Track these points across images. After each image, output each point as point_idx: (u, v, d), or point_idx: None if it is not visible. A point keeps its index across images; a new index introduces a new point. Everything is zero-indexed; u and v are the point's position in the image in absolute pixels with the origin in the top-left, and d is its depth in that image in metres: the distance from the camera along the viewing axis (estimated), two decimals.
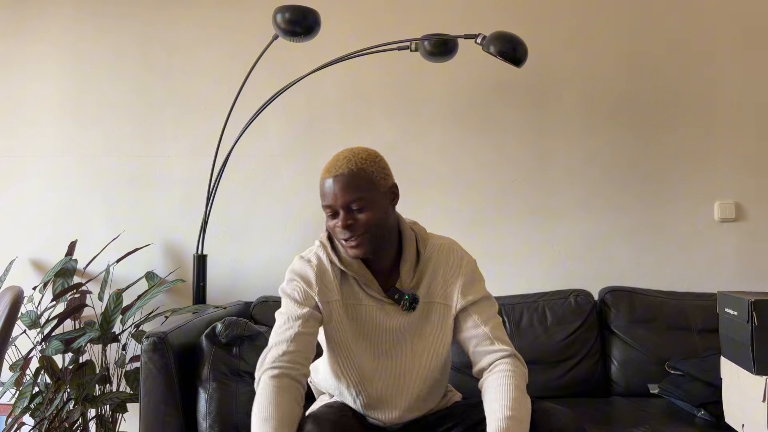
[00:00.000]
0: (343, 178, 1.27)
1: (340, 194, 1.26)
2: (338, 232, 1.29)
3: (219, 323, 1.76)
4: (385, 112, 2.52)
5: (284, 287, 1.36)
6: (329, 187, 1.28)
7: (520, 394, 1.22)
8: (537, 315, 2.22)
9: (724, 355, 1.76)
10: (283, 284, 1.37)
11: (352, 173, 1.28)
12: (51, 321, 2.16)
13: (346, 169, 1.28)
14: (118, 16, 2.58)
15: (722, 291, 1.76)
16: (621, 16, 2.52)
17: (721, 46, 2.50)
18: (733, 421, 1.71)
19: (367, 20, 2.53)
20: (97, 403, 2.11)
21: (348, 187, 1.27)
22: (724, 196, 2.46)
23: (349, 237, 1.28)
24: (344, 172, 1.27)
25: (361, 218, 1.27)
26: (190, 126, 2.55)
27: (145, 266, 2.44)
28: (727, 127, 2.48)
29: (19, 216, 2.53)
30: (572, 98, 2.51)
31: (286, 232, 2.49)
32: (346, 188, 1.27)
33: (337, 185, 1.27)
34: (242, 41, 2.52)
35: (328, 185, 1.28)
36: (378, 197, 1.30)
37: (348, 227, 1.27)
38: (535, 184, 2.49)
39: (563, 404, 1.99)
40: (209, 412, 1.68)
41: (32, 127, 2.56)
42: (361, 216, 1.27)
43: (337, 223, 1.28)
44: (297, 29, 2.06)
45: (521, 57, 2.06)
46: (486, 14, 2.51)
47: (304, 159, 2.52)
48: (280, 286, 1.38)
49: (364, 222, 1.27)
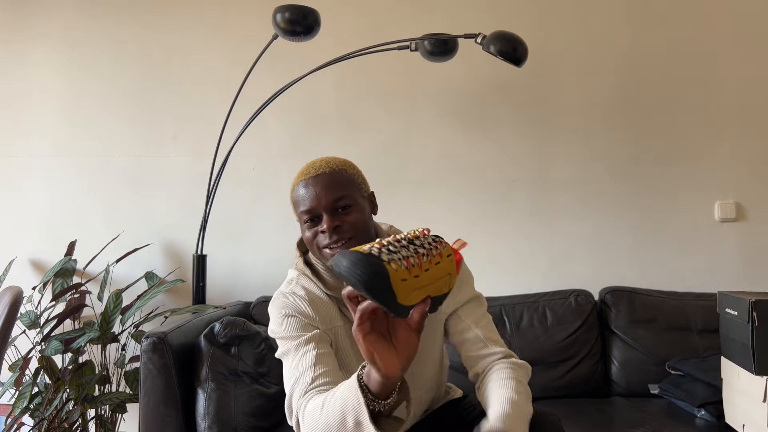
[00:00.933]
0: (325, 177, 1.18)
1: (323, 194, 1.17)
2: (321, 238, 1.18)
3: (217, 323, 1.76)
4: (385, 112, 2.52)
5: (276, 328, 1.20)
6: (308, 189, 1.18)
7: (521, 386, 1.17)
8: (537, 315, 2.22)
9: (724, 355, 1.76)
10: (273, 326, 1.21)
11: (334, 172, 1.20)
12: (50, 321, 2.16)
13: (327, 168, 1.20)
14: (118, 16, 2.58)
15: (722, 291, 1.76)
16: (621, 16, 2.52)
17: (721, 46, 2.50)
18: (733, 421, 1.71)
19: (367, 20, 2.53)
20: (97, 403, 2.11)
21: (331, 185, 1.18)
22: (724, 196, 2.46)
23: (335, 241, 1.16)
24: (326, 171, 1.19)
25: (348, 219, 1.17)
26: (190, 126, 2.54)
27: (145, 266, 2.44)
28: (727, 127, 2.48)
29: (18, 216, 2.53)
30: (572, 98, 2.51)
31: (286, 232, 2.49)
32: (329, 186, 1.17)
33: (319, 185, 1.17)
34: (242, 41, 2.52)
35: (307, 187, 1.18)
36: (361, 200, 1.22)
37: (335, 230, 1.16)
38: (535, 184, 2.49)
39: (563, 404, 2.01)
40: (207, 413, 1.68)
41: (32, 127, 2.56)
42: (347, 217, 1.17)
43: (321, 227, 1.17)
44: (297, 29, 2.05)
45: (521, 57, 2.05)
46: (486, 14, 2.51)
47: (304, 159, 2.45)
48: (269, 329, 1.22)
49: (352, 223, 1.17)
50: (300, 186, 1.20)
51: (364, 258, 0.80)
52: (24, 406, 2.06)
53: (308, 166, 1.22)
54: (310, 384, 1.08)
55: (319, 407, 1.01)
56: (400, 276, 0.81)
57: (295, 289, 1.23)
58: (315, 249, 1.21)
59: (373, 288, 0.80)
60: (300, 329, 1.17)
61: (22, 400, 2.07)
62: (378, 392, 0.91)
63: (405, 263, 0.83)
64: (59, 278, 2.29)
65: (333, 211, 1.17)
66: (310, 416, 1.02)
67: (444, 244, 0.91)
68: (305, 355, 1.13)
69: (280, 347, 1.19)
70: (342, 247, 1.16)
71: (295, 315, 1.19)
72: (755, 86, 2.48)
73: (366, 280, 0.79)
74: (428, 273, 0.86)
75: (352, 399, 0.92)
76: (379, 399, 0.92)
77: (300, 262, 1.28)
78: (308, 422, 1.03)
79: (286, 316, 1.19)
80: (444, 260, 0.89)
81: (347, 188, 1.20)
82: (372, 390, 0.91)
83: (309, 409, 1.03)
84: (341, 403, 0.95)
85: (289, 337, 1.17)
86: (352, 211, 1.19)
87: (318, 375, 1.09)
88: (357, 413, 0.92)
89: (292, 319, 1.18)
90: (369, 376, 0.91)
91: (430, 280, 0.86)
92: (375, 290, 0.80)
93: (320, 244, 1.18)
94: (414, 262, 0.84)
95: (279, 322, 1.20)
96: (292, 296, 1.22)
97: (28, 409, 2.09)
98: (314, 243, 1.20)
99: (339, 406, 0.95)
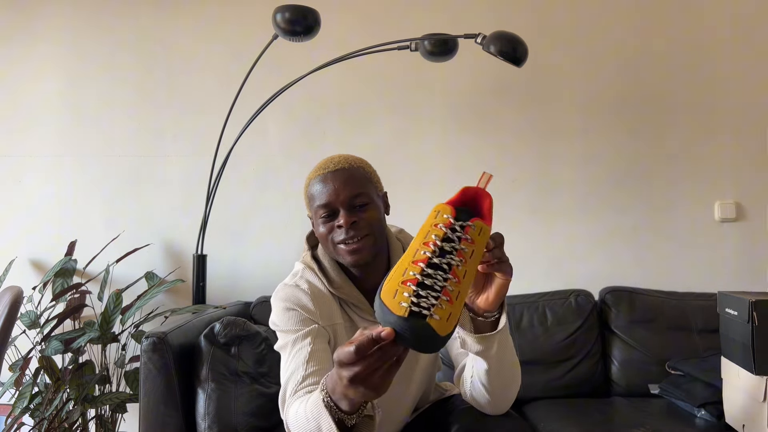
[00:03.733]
0: (344, 172, 1.17)
1: (341, 189, 1.15)
2: (337, 234, 1.16)
3: (217, 323, 1.76)
4: (385, 111, 2.52)
5: (277, 320, 1.20)
6: (326, 184, 1.16)
7: None
8: (537, 315, 2.22)
9: (724, 355, 1.76)
10: (274, 317, 1.21)
11: (353, 168, 1.19)
12: (50, 321, 2.16)
13: (345, 164, 1.19)
14: (118, 16, 2.58)
15: (722, 291, 1.76)
16: (621, 16, 2.52)
17: (721, 46, 2.50)
18: (733, 421, 1.71)
19: (367, 20, 2.53)
20: (97, 403, 2.10)
21: (350, 181, 1.16)
22: (724, 196, 2.46)
23: (351, 237, 1.14)
24: (344, 167, 1.18)
25: (365, 216, 1.16)
26: (190, 126, 2.54)
27: (145, 266, 2.44)
28: (727, 127, 2.48)
29: (19, 216, 2.53)
30: (572, 98, 2.51)
31: (286, 232, 2.49)
32: (347, 182, 1.16)
33: (338, 180, 1.16)
34: (242, 41, 2.52)
35: (325, 181, 1.16)
36: (376, 199, 1.22)
37: (352, 225, 1.14)
38: (535, 184, 2.49)
39: (563, 404, 2.01)
40: (208, 413, 1.67)
41: (32, 127, 2.56)
42: (364, 214, 1.16)
43: (337, 222, 1.15)
44: (297, 29, 2.05)
45: (521, 57, 2.05)
46: (486, 14, 2.51)
47: (304, 159, 2.51)
48: (270, 320, 1.22)
49: (368, 221, 1.16)
50: (317, 180, 1.18)
51: (406, 324, 0.74)
52: (24, 406, 2.06)
53: (326, 161, 1.22)
54: (300, 382, 1.09)
55: (297, 411, 1.01)
56: (443, 320, 0.76)
57: (299, 282, 1.23)
58: (329, 245, 1.19)
59: (423, 347, 0.77)
60: (299, 323, 1.17)
61: (22, 400, 2.07)
62: (349, 410, 0.89)
63: (445, 298, 0.76)
64: (59, 278, 2.29)
65: (350, 208, 1.16)
66: (292, 419, 1.04)
67: (473, 223, 0.82)
68: (300, 351, 1.13)
69: (279, 340, 1.20)
70: (357, 244, 1.15)
71: (295, 309, 1.18)
72: (755, 86, 2.48)
73: (415, 345, 0.75)
74: (466, 280, 0.80)
75: (323, 417, 0.90)
76: (348, 414, 0.89)
77: (307, 256, 1.27)
78: (292, 423, 1.04)
79: (287, 309, 1.19)
80: (477, 243, 0.81)
81: (365, 186, 1.19)
82: (344, 408, 0.88)
83: (292, 410, 1.04)
84: (315, 413, 0.93)
85: (288, 330, 1.17)
86: (369, 208, 1.18)
87: (309, 373, 1.09)
88: (328, 427, 0.90)
89: (293, 313, 1.18)
90: (337, 396, 0.87)
91: (467, 286, 0.80)
92: (424, 348, 0.77)
93: (336, 240, 1.17)
94: (452, 288, 0.77)
95: (280, 314, 1.20)
96: (295, 289, 1.22)
97: (28, 409, 2.09)
98: (329, 239, 1.18)
99: (312, 416, 0.94)
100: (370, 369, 0.78)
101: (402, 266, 0.81)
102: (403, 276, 0.79)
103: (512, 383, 1.15)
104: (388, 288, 0.78)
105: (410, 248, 0.84)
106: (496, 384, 1.12)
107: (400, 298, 0.76)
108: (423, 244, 0.81)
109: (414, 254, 0.81)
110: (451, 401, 1.35)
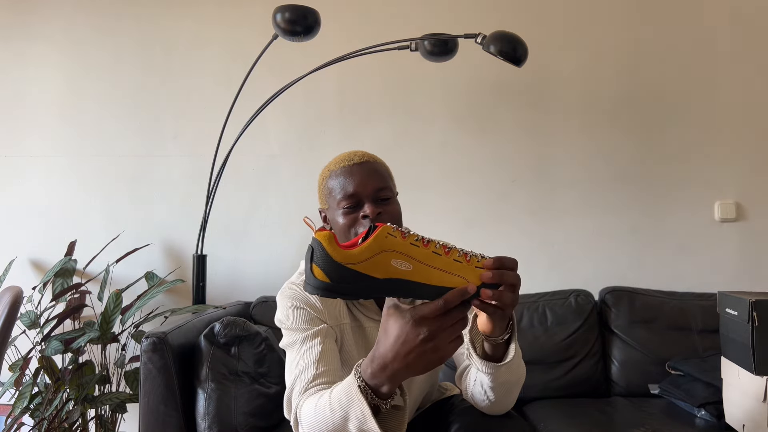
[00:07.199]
0: (369, 165, 1.17)
1: (368, 180, 1.15)
2: (361, 225, 1.14)
3: (217, 323, 1.75)
4: (385, 111, 2.52)
5: (284, 318, 1.18)
6: (352, 175, 1.15)
7: None
8: (537, 315, 2.22)
9: (724, 355, 1.76)
10: (281, 315, 1.19)
11: (377, 163, 1.20)
12: (50, 321, 2.16)
13: (369, 158, 1.19)
14: (118, 16, 2.58)
15: (722, 291, 1.75)
16: (621, 16, 2.52)
17: (721, 46, 2.50)
18: (733, 421, 1.70)
19: (367, 20, 2.53)
20: (97, 403, 2.10)
21: (376, 174, 1.16)
22: (724, 196, 2.46)
23: None
24: (369, 159, 1.18)
25: (389, 210, 1.16)
26: (190, 126, 2.54)
27: (145, 266, 2.44)
28: (727, 127, 2.48)
29: (18, 216, 2.53)
30: (572, 98, 2.51)
31: (286, 232, 2.49)
32: (373, 174, 1.16)
33: (364, 171, 1.16)
34: (242, 41, 2.52)
35: (350, 173, 1.16)
36: (395, 198, 1.22)
37: (377, 216, 1.14)
38: (535, 184, 2.49)
39: (563, 404, 2.01)
40: (208, 413, 1.67)
41: (32, 127, 2.56)
42: (388, 207, 1.16)
43: (363, 212, 1.14)
44: (297, 29, 2.05)
45: (521, 57, 2.05)
46: (486, 14, 2.51)
47: (304, 159, 2.51)
48: (276, 318, 1.21)
49: (392, 214, 1.16)
50: (340, 172, 1.17)
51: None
52: (24, 406, 2.06)
53: (348, 154, 1.21)
54: (311, 381, 1.07)
55: (316, 405, 1.00)
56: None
57: None
58: (350, 237, 1.17)
59: None
60: (308, 322, 1.16)
61: (22, 400, 2.07)
62: (388, 393, 0.89)
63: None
64: (59, 278, 2.29)
65: (375, 200, 1.16)
66: (308, 415, 1.01)
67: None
68: (310, 350, 1.11)
69: (285, 338, 1.18)
70: None
71: (303, 307, 1.17)
72: (755, 86, 2.48)
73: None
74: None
75: (355, 404, 0.90)
76: (384, 398, 0.90)
77: None
78: (306, 420, 1.01)
79: (294, 307, 1.18)
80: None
81: (387, 180, 1.20)
82: (383, 392, 0.89)
83: (307, 407, 1.02)
84: (343, 402, 0.93)
85: (296, 329, 1.16)
86: (392, 203, 1.19)
87: (320, 373, 1.08)
88: (360, 415, 0.90)
89: (301, 311, 1.17)
90: (382, 377, 0.88)
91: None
92: None
93: (359, 231, 1.15)
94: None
95: (287, 312, 1.18)
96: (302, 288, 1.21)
97: (28, 409, 2.09)
98: (351, 230, 1.16)
99: (339, 406, 0.94)
100: (450, 322, 0.83)
101: (426, 258, 0.85)
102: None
103: (515, 389, 1.15)
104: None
105: (407, 262, 0.84)
106: (499, 393, 1.12)
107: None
108: (412, 247, 0.85)
109: (423, 257, 0.85)
110: (451, 401, 1.36)
